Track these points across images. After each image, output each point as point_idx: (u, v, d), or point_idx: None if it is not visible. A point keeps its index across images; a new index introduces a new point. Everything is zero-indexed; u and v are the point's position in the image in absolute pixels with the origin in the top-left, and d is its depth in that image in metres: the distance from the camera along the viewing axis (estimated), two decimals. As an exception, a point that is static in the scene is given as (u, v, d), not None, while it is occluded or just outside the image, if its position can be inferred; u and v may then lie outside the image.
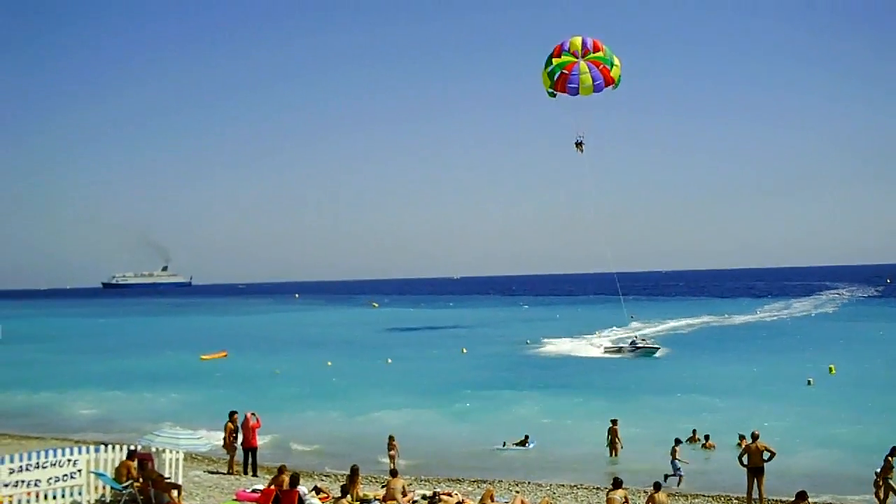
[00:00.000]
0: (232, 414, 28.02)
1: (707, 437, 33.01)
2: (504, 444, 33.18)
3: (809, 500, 19.65)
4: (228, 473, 27.51)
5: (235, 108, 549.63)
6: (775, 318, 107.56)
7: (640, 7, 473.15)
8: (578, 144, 34.59)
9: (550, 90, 31.62)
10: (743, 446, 27.40)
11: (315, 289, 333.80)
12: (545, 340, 77.76)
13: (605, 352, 67.33)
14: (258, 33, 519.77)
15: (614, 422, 31.76)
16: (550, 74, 31.00)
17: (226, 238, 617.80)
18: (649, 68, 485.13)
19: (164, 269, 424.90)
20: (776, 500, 24.08)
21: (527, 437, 33.61)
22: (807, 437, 33.30)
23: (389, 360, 64.57)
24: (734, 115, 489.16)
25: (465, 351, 69.54)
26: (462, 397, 45.37)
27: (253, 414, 27.92)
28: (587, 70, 30.40)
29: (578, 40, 30.94)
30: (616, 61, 30.84)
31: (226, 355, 65.39)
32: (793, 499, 20.00)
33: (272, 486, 21.78)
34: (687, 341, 75.97)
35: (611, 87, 30.55)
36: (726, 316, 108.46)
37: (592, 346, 71.75)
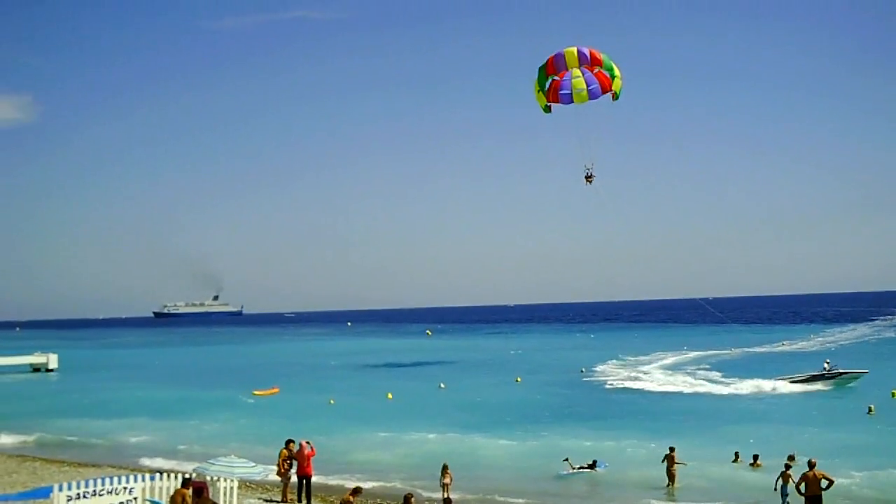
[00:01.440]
0: (288, 442, 28.05)
1: (756, 458, 32.79)
2: (567, 461, 32.97)
3: None
4: (282, 502, 27.50)
5: (292, 139, 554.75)
6: (832, 344, 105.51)
7: (648, 34, 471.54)
8: (588, 177, 34.09)
9: (545, 105, 31.01)
10: (793, 464, 26.99)
11: (366, 317, 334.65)
12: (601, 368, 76.78)
13: (792, 382, 58.38)
14: (310, 51, 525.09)
15: (672, 449, 31.42)
16: (541, 85, 30.37)
17: (277, 267, 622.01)
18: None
19: (216, 298, 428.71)
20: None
21: (595, 461, 33.29)
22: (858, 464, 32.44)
23: (443, 385, 64.49)
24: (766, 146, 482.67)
25: (519, 380, 69.09)
26: (516, 426, 44.88)
27: (308, 442, 27.91)
28: (580, 74, 29.73)
29: (573, 51, 29.48)
30: (616, 71, 30.10)
31: (278, 391, 65.52)
32: None
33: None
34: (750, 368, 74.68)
35: (609, 94, 29.71)
36: (783, 343, 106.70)
37: (780, 382, 59.90)
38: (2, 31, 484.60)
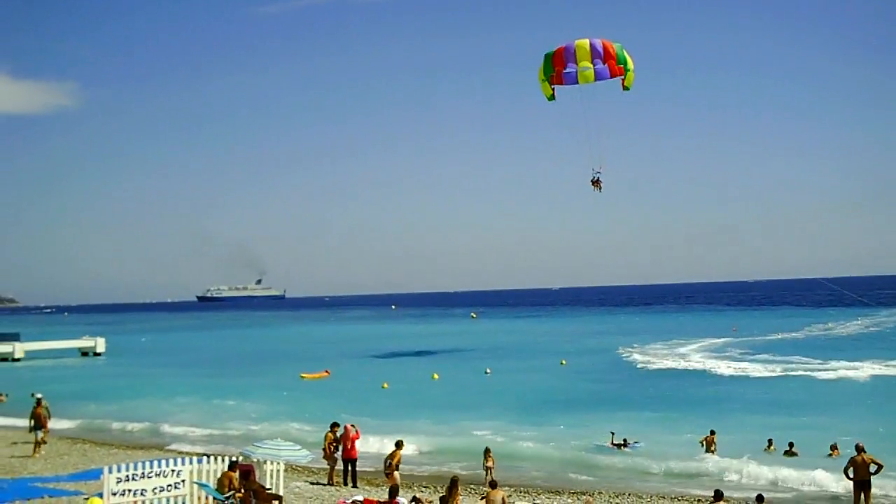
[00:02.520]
0: (333, 425, 28.14)
1: (791, 445, 32.27)
2: (612, 434, 33.64)
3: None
4: (328, 484, 27.60)
5: (337, 124, 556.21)
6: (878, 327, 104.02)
7: (662, 29, 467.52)
8: (595, 182, 33.32)
9: (550, 95, 30.19)
10: (834, 455, 26.57)
11: (409, 301, 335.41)
12: (644, 351, 76.51)
13: None
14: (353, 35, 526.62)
15: (712, 432, 31.31)
16: (546, 74, 29.56)
17: (319, 251, 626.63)
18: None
19: (258, 282, 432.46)
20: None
21: (625, 439, 33.62)
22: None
23: (489, 371, 64.51)
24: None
25: (564, 363, 68.94)
26: (560, 410, 44.71)
27: (353, 425, 27.98)
28: (589, 66, 29.02)
29: (585, 43, 28.51)
30: (630, 64, 29.32)
31: (328, 374, 65.94)
32: None
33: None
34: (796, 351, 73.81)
35: (620, 78, 29.01)
36: (829, 325, 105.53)
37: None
38: (47, 20, 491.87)
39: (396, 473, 25.15)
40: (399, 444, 26.18)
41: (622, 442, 33.59)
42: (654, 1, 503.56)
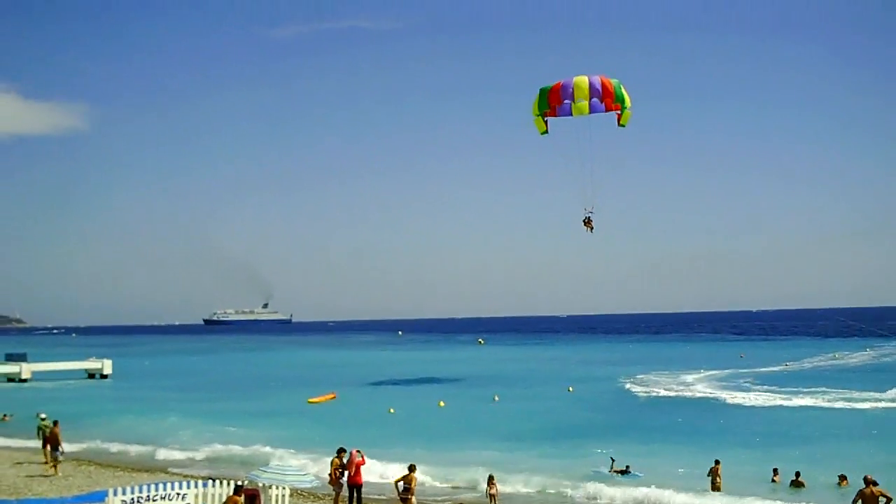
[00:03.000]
0: (340, 450, 28.09)
1: (797, 475, 31.80)
2: (613, 461, 33.43)
3: None
4: (332, 510, 27.54)
5: (344, 149, 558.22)
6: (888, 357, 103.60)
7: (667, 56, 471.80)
8: (587, 222, 33.10)
9: (543, 129, 29.78)
10: (843, 486, 26.35)
11: (415, 327, 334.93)
12: (649, 380, 76.30)
13: None
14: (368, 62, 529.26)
15: (717, 462, 31.13)
16: (541, 109, 29.07)
17: (326, 276, 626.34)
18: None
19: (265, 306, 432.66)
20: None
21: (628, 466, 33.42)
22: None
23: (497, 398, 64.40)
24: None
25: (571, 389, 68.77)
26: (567, 436, 44.63)
27: (359, 451, 27.93)
28: (585, 86, 28.79)
29: (584, 81, 28.48)
30: (627, 101, 29.05)
31: (335, 397, 65.87)
32: None
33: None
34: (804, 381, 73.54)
35: (615, 113, 28.66)
36: (835, 356, 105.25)
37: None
38: (59, 41, 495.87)
39: (414, 499, 24.96)
40: (412, 468, 26.06)
41: (623, 469, 33.47)
42: (657, 27, 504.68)
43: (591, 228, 33.02)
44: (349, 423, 50.80)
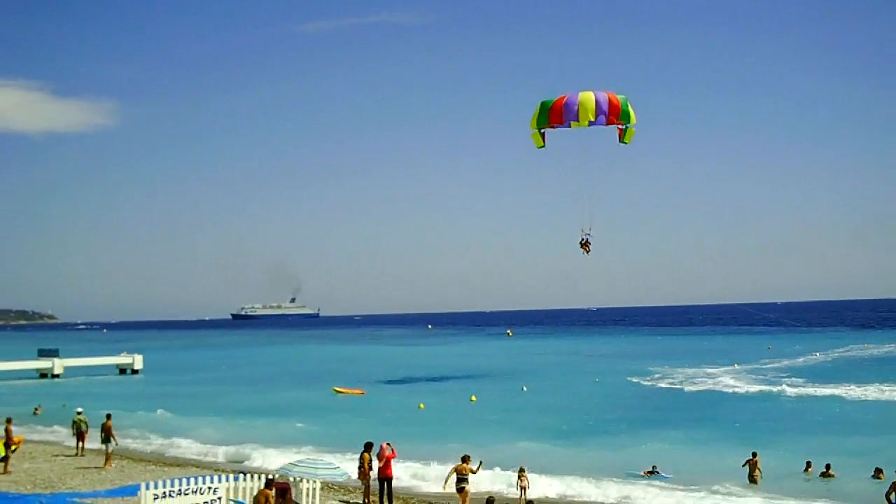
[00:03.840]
0: (367, 444, 28.14)
1: (828, 467, 31.41)
2: (654, 468, 32.42)
3: None
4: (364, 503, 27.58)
5: (376, 142, 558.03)
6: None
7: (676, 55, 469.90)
8: (584, 244, 32.38)
9: (541, 144, 28.76)
10: (882, 478, 26.05)
11: (444, 320, 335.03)
12: (678, 372, 75.85)
13: None
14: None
15: (754, 454, 30.86)
16: (539, 124, 27.92)
17: (354, 269, 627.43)
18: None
19: (293, 300, 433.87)
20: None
21: (655, 467, 32.66)
22: None
23: (525, 388, 64.40)
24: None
25: (598, 380, 68.65)
26: (594, 429, 44.67)
27: (389, 444, 27.97)
28: (591, 105, 26.08)
29: (590, 98, 26.67)
30: (633, 118, 27.98)
31: (364, 394, 66.14)
32: None
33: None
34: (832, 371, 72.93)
35: (617, 128, 27.40)
36: (865, 346, 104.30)
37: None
38: (88, 39, 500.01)
39: (469, 488, 24.84)
40: (465, 459, 26.01)
41: (650, 470, 32.57)
42: (659, 20, 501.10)
43: (588, 251, 32.34)
44: (378, 417, 50.88)
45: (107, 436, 34.06)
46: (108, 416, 34.88)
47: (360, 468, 27.63)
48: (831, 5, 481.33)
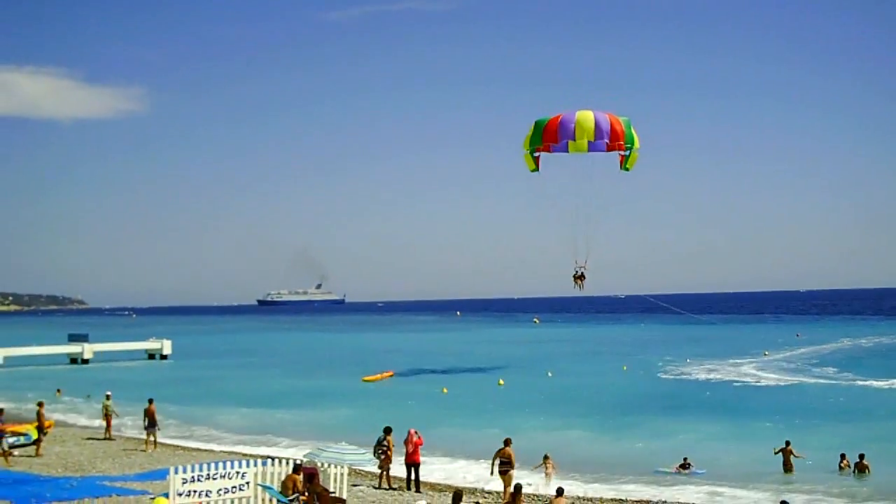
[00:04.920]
0: (388, 429, 28.10)
1: (861, 457, 30.32)
2: (687, 461, 31.35)
3: None
4: (378, 487, 27.59)
5: (399, 132, 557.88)
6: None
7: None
8: (578, 278, 31.52)
9: (533, 167, 27.12)
10: None
11: (470, 306, 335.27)
12: (708, 361, 75.00)
13: None
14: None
15: (787, 442, 30.44)
16: (532, 145, 26.24)
17: (380, 255, 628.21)
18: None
19: (318, 286, 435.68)
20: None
21: (686, 459, 31.53)
22: None
23: (550, 374, 64.65)
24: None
25: (625, 368, 68.27)
26: (621, 417, 44.35)
27: (416, 431, 27.96)
28: (590, 124, 25.34)
29: (589, 117, 25.49)
30: (636, 143, 26.34)
31: (392, 375, 66.35)
32: None
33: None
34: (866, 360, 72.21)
35: (619, 154, 25.72)
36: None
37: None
38: (115, 26, 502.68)
39: (513, 472, 24.76)
40: (507, 442, 25.94)
41: (682, 464, 31.38)
42: (658, 17, 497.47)
43: (582, 286, 31.47)
44: (405, 403, 50.95)
45: (151, 420, 34.60)
46: (151, 401, 35.26)
47: (384, 452, 27.52)
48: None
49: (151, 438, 34.89)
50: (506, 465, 24.85)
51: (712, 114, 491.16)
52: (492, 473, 25.44)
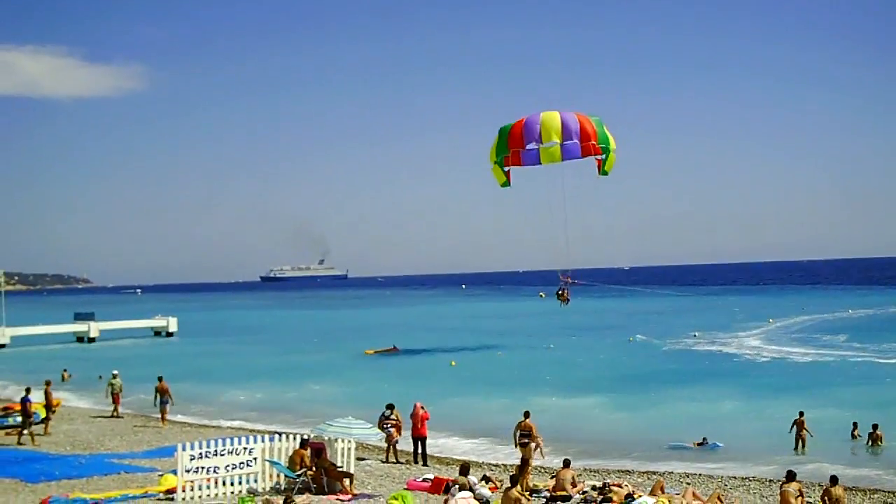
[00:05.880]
0: (391, 405, 28.20)
1: (875, 427, 30.09)
2: (705, 440, 30.86)
3: None
4: (385, 462, 27.73)
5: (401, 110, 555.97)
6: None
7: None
8: (561, 294, 30.94)
9: (503, 179, 25.88)
10: None
11: (475, 279, 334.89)
12: (715, 333, 74.89)
13: None
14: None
15: (801, 414, 30.25)
16: (499, 154, 24.97)
17: (383, 231, 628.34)
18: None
19: (321, 262, 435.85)
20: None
21: (705, 438, 31.09)
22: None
23: (552, 346, 64.84)
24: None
25: (632, 339, 68.19)
26: (629, 388, 44.46)
27: (422, 405, 28.06)
28: (556, 123, 24.07)
29: (555, 117, 24.11)
30: (612, 143, 25.17)
31: (396, 350, 66.53)
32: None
33: None
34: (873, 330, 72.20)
35: (595, 158, 24.43)
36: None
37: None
38: (116, 5, 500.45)
39: (533, 444, 24.83)
40: (527, 415, 26.01)
41: (701, 441, 30.86)
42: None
43: (567, 301, 30.92)
44: (410, 377, 51.11)
45: (163, 396, 35.20)
46: (161, 378, 35.83)
47: (391, 426, 27.57)
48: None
49: (164, 415, 35.30)
50: (525, 438, 24.98)
51: (706, 90, 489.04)
52: (515, 446, 25.55)
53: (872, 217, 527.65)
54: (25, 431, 30.63)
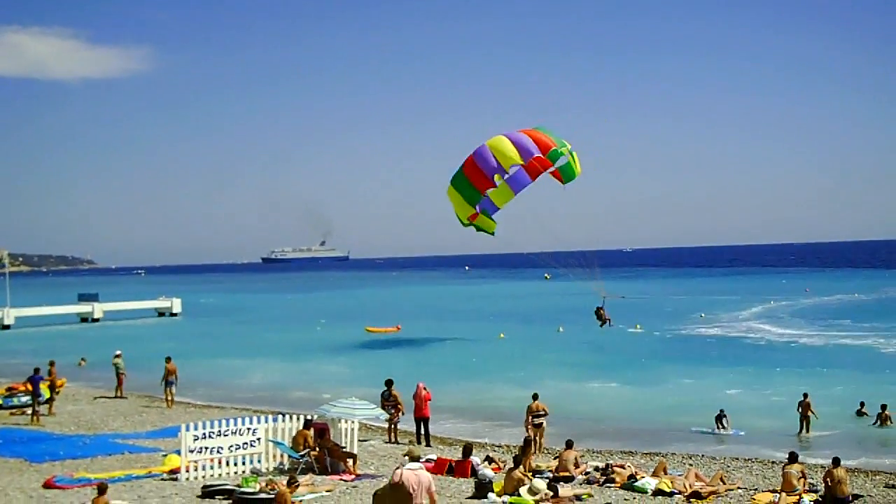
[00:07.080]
0: (390, 381, 28.19)
1: (884, 408, 30.20)
2: (725, 420, 30.21)
3: None
4: (389, 442, 27.78)
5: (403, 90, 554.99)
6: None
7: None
8: (599, 314, 31.22)
9: (467, 223, 26.47)
10: None
11: (479, 261, 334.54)
12: (721, 315, 74.93)
13: None
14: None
15: (805, 396, 30.24)
16: (460, 197, 25.35)
17: (385, 211, 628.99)
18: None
19: (322, 243, 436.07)
20: None
21: (722, 411, 30.42)
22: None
23: (561, 329, 64.56)
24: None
25: (639, 327, 68.02)
26: (633, 370, 44.45)
27: (424, 386, 28.07)
28: (509, 150, 24.19)
29: (504, 143, 25.03)
30: (567, 143, 25.44)
31: (399, 329, 66.65)
32: None
33: None
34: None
35: (549, 172, 24.76)
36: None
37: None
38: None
39: (545, 422, 24.57)
40: (535, 397, 26.09)
41: (718, 415, 30.24)
42: None
43: (607, 321, 31.04)
44: (411, 355, 51.23)
45: (169, 377, 35.38)
46: (168, 359, 35.94)
47: (393, 406, 27.56)
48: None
49: (170, 397, 35.45)
50: (540, 418, 25.10)
51: (705, 74, 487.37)
52: (527, 429, 25.58)
53: (884, 199, 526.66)
54: (38, 408, 30.81)
